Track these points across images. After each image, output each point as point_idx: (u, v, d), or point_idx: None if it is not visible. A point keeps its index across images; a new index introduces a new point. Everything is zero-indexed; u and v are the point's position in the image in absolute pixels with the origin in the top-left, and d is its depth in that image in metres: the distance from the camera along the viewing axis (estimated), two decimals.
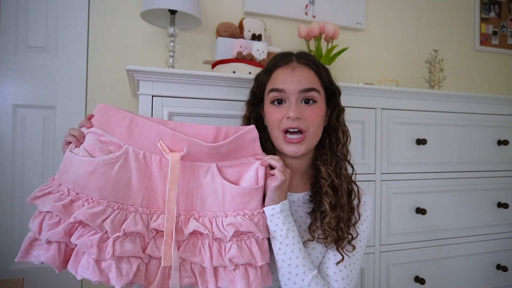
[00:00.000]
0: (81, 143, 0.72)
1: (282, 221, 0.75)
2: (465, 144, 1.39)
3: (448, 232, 1.36)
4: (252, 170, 0.77)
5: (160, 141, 0.73)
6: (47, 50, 1.48)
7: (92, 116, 0.75)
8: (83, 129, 0.74)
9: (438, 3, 2.13)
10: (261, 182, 0.76)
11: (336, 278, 0.78)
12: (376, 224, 1.24)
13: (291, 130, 0.80)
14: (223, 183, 0.75)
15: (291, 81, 0.80)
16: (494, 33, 2.25)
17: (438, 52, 1.80)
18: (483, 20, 2.23)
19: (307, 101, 0.81)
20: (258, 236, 0.74)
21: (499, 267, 1.45)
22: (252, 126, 0.79)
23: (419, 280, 1.29)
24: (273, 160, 0.76)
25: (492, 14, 2.25)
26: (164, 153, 0.72)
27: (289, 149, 0.80)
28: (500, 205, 1.44)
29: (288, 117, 0.79)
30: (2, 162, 1.42)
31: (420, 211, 1.28)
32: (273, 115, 0.82)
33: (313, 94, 0.80)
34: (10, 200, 1.43)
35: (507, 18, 2.29)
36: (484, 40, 2.23)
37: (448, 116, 1.35)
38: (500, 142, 1.44)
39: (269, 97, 0.83)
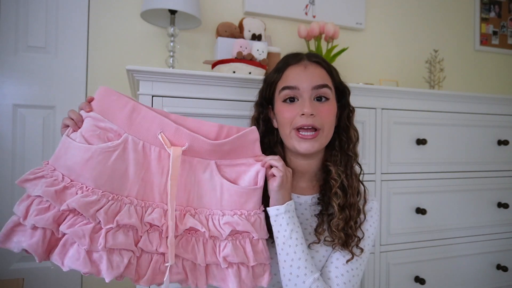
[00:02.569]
0: (79, 127, 0.69)
1: (286, 221, 0.74)
2: (465, 144, 1.38)
3: (448, 232, 1.36)
4: (251, 171, 0.77)
5: (162, 133, 0.71)
6: (47, 50, 1.48)
7: (92, 99, 0.71)
8: (82, 113, 0.71)
9: (438, 3, 2.13)
10: (260, 183, 0.76)
11: (338, 282, 0.76)
12: (377, 225, 1.24)
13: (305, 127, 0.79)
14: (222, 181, 0.74)
15: (305, 78, 0.80)
16: (494, 33, 2.25)
17: (438, 52, 1.80)
18: (483, 20, 2.23)
19: (319, 98, 0.81)
20: (253, 237, 0.74)
21: (499, 267, 1.45)
22: (254, 127, 0.79)
23: (419, 280, 1.29)
24: (273, 160, 0.75)
25: (492, 14, 2.25)
26: (165, 146, 0.71)
27: (302, 146, 0.79)
28: (500, 205, 1.44)
29: (302, 114, 0.78)
30: (2, 162, 1.42)
31: (420, 211, 1.28)
32: (285, 113, 0.81)
33: (325, 91, 0.80)
34: (10, 200, 1.43)
35: (507, 18, 2.28)
36: (484, 40, 2.23)
37: (448, 116, 1.34)
38: (500, 142, 1.44)
39: (281, 95, 0.82)
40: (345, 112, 0.86)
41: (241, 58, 1.24)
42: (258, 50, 1.29)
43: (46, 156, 1.46)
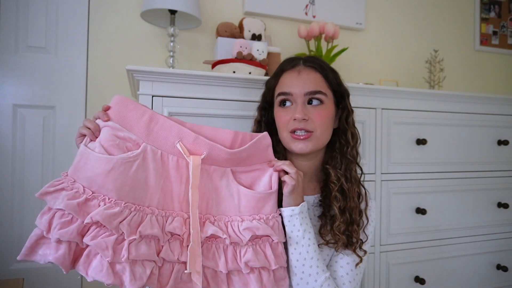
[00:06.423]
0: (97, 137, 0.68)
1: (300, 222, 0.76)
2: (465, 144, 1.38)
3: (448, 232, 1.36)
4: (266, 176, 0.78)
5: (180, 142, 0.71)
6: (47, 50, 1.48)
7: (108, 107, 0.70)
8: (99, 122, 0.69)
9: (438, 3, 2.13)
10: (274, 187, 0.77)
11: (344, 281, 0.80)
12: (376, 224, 1.24)
13: (298, 131, 0.81)
14: (238, 188, 0.75)
15: (297, 84, 0.82)
16: (494, 33, 2.25)
17: (438, 52, 1.80)
18: (483, 20, 2.23)
19: (313, 102, 0.82)
20: (273, 240, 0.74)
21: (499, 267, 1.45)
22: (266, 133, 0.80)
23: (419, 280, 1.29)
24: (285, 166, 0.77)
25: (492, 14, 2.25)
26: (184, 155, 0.70)
27: (296, 145, 0.81)
28: (500, 205, 1.44)
29: (294, 119, 0.80)
30: (2, 162, 1.42)
31: (420, 211, 1.28)
32: (281, 117, 0.84)
33: (319, 96, 0.82)
34: (10, 200, 1.43)
35: (507, 18, 2.28)
36: (484, 40, 2.23)
37: (448, 116, 1.34)
38: (500, 142, 1.44)
39: (277, 100, 0.86)
40: (344, 114, 0.87)
41: (241, 58, 1.24)
42: (258, 50, 1.29)
43: (46, 156, 1.46)
